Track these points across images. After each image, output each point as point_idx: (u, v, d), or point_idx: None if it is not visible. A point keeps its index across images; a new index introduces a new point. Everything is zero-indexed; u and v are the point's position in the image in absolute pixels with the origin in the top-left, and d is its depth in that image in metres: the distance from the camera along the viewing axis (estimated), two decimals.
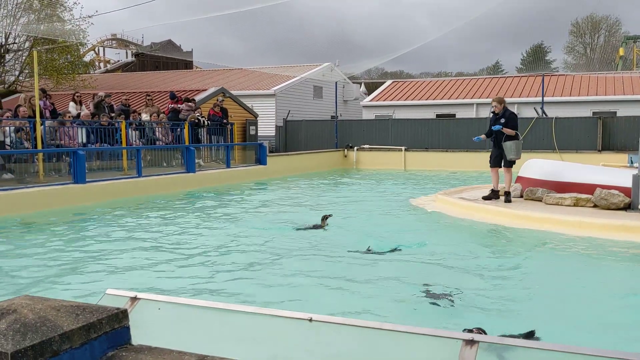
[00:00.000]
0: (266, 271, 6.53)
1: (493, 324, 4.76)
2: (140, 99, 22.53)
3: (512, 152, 10.46)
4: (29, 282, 6.15)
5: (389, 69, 65.55)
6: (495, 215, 9.79)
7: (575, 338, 4.43)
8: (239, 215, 10.99)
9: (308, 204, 12.72)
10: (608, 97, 26.66)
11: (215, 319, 2.54)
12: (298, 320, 2.35)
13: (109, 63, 51.92)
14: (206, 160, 17.75)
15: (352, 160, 24.45)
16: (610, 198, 9.54)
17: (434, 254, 7.28)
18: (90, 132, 14.28)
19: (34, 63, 13.94)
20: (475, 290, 5.67)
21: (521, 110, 27.25)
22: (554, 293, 5.69)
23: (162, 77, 33.91)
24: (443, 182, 17.49)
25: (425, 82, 33.60)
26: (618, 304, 5.40)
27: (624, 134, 21.22)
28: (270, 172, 18.78)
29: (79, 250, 7.75)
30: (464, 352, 2.03)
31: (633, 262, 7.17)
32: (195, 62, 46.18)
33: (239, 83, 30.03)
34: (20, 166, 12.28)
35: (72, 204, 11.49)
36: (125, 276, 6.36)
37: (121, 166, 14.35)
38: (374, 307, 5.17)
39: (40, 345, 1.81)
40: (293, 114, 27.68)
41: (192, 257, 7.30)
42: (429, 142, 24.00)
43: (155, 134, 16.43)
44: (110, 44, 54.04)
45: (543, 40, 59.99)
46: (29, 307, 2.01)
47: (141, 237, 8.68)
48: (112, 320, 2.05)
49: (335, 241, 8.14)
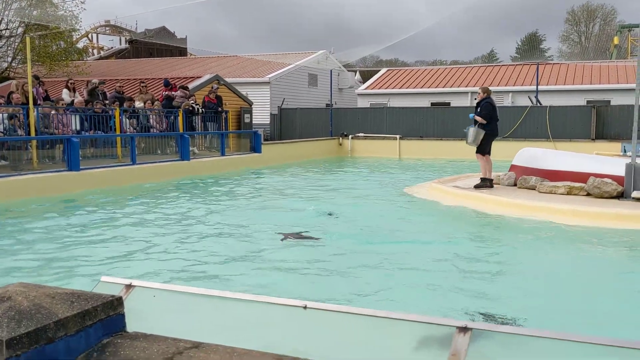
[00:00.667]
0: (261, 258, 6.55)
1: (482, 310, 4.80)
2: (135, 86, 22.40)
3: (468, 137, 10.88)
4: (22, 269, 6.14)
5: (384, 57, 65.43)
6: (489, 204, 9.83)
7: (568, 325, 4.47)
8: (234, 203, 10.99)
9: (302, 191, 12.73)
10: (602, 85, 26.69)
11: (210, 306, 2.55)
12: (293, 307, 2.36)
13: (103, 50, 51.53)
14: (201, 148, 17.71)
15: (346, 148, 24.43)
16: (604, 186, 9.59)
17: (423, 241, 7.31)
18: (84, 120, 14.21)
19: (26, 49, 13.81)
20: (465, 278, 5.70)
21: (516, 98, 27.28)
22: (544, 281, 5.73)
23: (156, 64, 33.70)
24: (437, 171, 17.52)
25: (420, 70, 33.52)
26: (610, 292, 5.45)
27: (617, 123, 21.27)
28: (265, 160, 18.76)
29: (73, 237, 7.74)
30: (457, 339, 2.04)
31: (626, 250, 7.22)
32: (189, 49, 45.87)
33: (234, 70, 29.89)
34: (14, 153, 12.22)
35: (66, 191, 11.45)
36: (119, 263, 6.36)
37: (115, 154, 14.29)
38: (370, 292, 5.20)
39: (35, 332, 1.81)
40: (288, 101, 27.60)
41: (187, 244, 7.30)
42: (424, 131, 24.00)
43: (149, 121, 16.36)
44: (103, 30, 53.59)
45: (538, 29, 59.79)
46: (24, 294, 2.01)
47: (135, 225, 8.67)
48: (107, 307, 2.06)
49: (325, 229, 8.16)
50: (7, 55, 29.52)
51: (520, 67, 31.10)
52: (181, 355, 1.91)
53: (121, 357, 1.92)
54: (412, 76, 31.98)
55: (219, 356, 1.90)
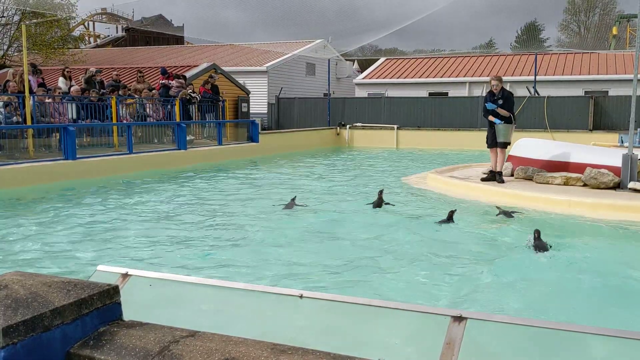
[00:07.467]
0: (257, 247, 6.56)
1: (476, 301, 4.82)
2: (132, 75, 22.31)
3: (502, 135, 10.54)
4: (19, 258, 6.14)
5: (383, 46, 65.16)
6: (485, 194, 9.85)
7: (562, 315, 4.50)
8: (231, 192, 10.99)
9: (299, 181, 12.73)
10: (600, 76, 26.68)
11: (206, 295, 2.56)
12: (289, 296, 2.37)
13: (99, 38, 51.22)
14: (198, 137, 17.67)
15: (344, 138, 24.41)
16: (600, 177, 9.61)
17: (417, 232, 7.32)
18: (81, 108, 14.15)
19: (22, 37, 13.73)
20: (461, 268, 5.73)
21: (514, 89, 27.20)
22: (541, 272, 5.75)
23: (153, 52, 33.52)
24: (435, 161, 17.53)
25: (418, 60, 33.44)
26: (606, 282, 5.47)
27: (615, 114, 21.30)
28: (262, 150, 18.73)
29: (69, 226, 7.74)
30: (452, 328, 2.06)
31: (622, 240, 7.25)
32: (186, 38, 45.61)
33: (231, 59, 29.76)
34: (10, 142, 12.18)
35: (62, 179, 11.44)
36: (116, 252, 6.36)
37: (112, 142, 14.26)
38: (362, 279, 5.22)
39: (31, 320, 1.82)
40: (285, 91, 27.52)
41: (184, 233, 7.31)
42: (422, 121, 23.99)
43: (146, 110, 16.30)
44: (100, 18, 53.24)
45: (537, 18, 59.58)
46: (20, 282, 2.01)
47: (131, 214, 8.67)
48: (103, 296, 2.07)
49: (317, 218, 8.18)
50: (3, 44, 29.36)
51: (519, 58, 31.05)
52: (177, 344, 1.92)
53: (117, 345, 1.93)
54: (410, 66, 31.91)
55: (215, 344, 1.90)
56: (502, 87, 10.67)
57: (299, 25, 53.72)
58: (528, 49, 35.95)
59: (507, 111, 10.48)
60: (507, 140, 10.63)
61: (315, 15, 30.04)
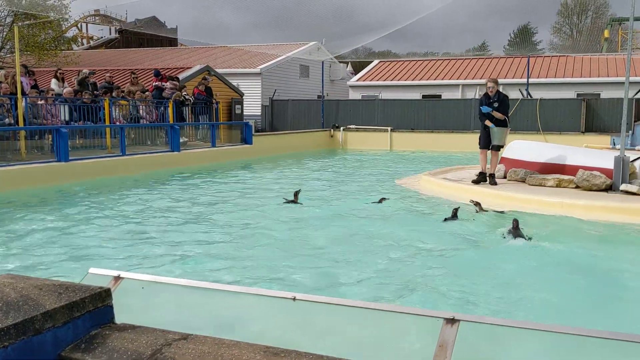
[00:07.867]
0: (248, 248, 6.55)
1: (464, 305, 4.83)
2: (125, 76, 22.24)
3: (496, 139, 10.59)
4: (10, 260, 6.10)
5: (376, 48, 65.25)
6: (478, 196, 9.85)
7: (553, 317, 4.51)
8: (224, 193, 10.97)
9: (292, 182, 12.71)
10: (592, 79, 26.82)
11: (199, 298, 2.55)
12: (282, 299, 2.37)
13: (92, 39, 51.04)
14: (191, 139, 17.63)
15: (338, 140, 24.42)
16: (593, 179, 9.65)
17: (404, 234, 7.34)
18: (73, 110, 14.10)
19: (15, 39, 13.67)
20: (452, 272, 5.74)
21: (507, 91, 27.13)
22: (531, 274, 5.76)
23: (146, 54, 33.45)
24: (428, 163, 17.56)
25: (411, 62, 33.51)
26: (599, 284, 5.50)
27: (607, 116, 21.41)
28: (256, 152, 18.71)
29: (61, 229, 7.70)
30: (445, 331, 2.06)
31: (613, 243, 7.28)
32: (179, 40, 45.53)
33: (225, 61, 29.73)
34: (2, 144, 12.11)
35: (55, 182, 11.38)
36: (108, 255, 6.33)
37: (105, 144, 14.20)
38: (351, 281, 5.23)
39: (22, 323, 1.81)
40: (279, 93, 27.51)
41: (177, 235, 7.28)
42: (415, 123, 24.04)
43: (139, 111, 16.25)
44: (93, 19, 53.06)
45: (530, 21, 59.91)
46: (11, 285, 2.00)
47: (124, 216, 8.64)
48: (95, 299, 2.05)
49: (310, 216, 8.18)
50: None
51: (512, 60, 31.17)
52: (169, 347, 1.91)
53: (109, 348, 1.92)
54: (403, 68, 31.97)
55: (208, 347, 1.90)
56: (497, 89, 10.72)
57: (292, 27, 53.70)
58: (521, 52, 36.08)
59: (502, 114, 10.52)
60: (502, 143, 10.71)
61: (309, 17, 30.06)
